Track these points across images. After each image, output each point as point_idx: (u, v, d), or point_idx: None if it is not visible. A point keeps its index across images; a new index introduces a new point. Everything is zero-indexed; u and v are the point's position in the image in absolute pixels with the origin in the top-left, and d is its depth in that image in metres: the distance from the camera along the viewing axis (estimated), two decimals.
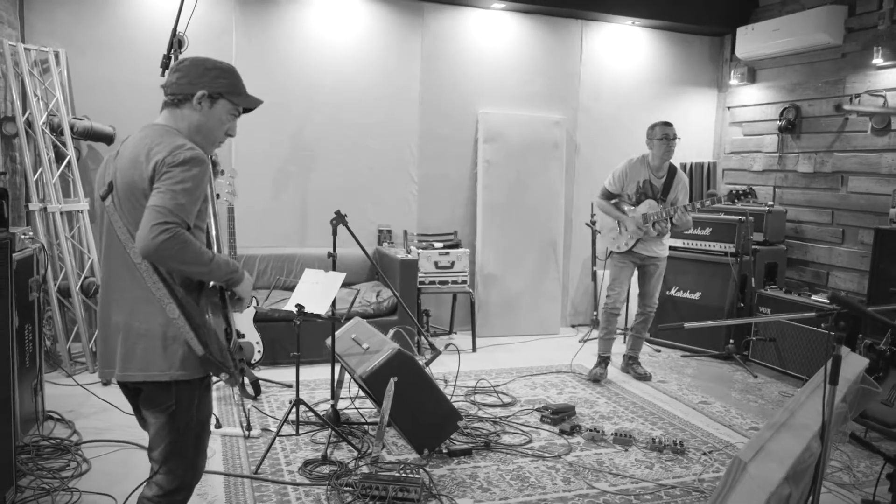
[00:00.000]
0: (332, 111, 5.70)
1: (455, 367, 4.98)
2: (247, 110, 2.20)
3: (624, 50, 6.49)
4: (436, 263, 5.49)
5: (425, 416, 3.47)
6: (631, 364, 4.99)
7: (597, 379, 4.79)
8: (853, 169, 5.37)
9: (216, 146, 2.16)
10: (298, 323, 3.59)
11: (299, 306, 3.53)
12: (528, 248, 6.08)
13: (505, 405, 4.28)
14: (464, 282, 5.55)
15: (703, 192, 6.49)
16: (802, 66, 5.90)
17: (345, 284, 5.34)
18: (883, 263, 4.49)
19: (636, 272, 4.89)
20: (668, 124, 4.71)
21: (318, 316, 3.61)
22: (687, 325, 2.65)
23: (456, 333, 5.96)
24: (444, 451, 3.51)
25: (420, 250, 5.49)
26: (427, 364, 3.71)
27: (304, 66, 5.59)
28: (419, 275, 5.39)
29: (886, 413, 3.84)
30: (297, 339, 3.62)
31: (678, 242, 5.71)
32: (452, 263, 5.51)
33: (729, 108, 6.72)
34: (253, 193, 5.53)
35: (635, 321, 4.99)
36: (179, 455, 2.07)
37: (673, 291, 5.71)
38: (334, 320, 3.79)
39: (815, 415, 2.26)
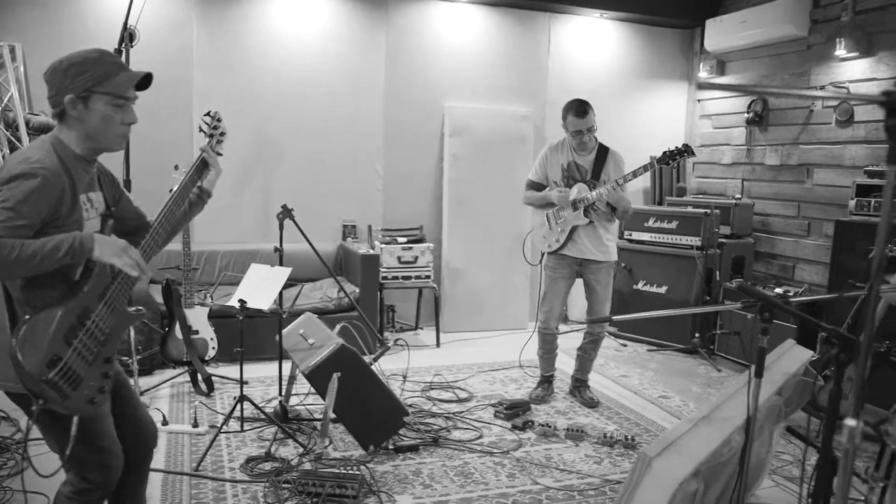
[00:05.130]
0: (295, 106, 5.64)
1: (419, 363, 4.96)
2: (141, 87, 2.01)
3: (593, 43, 6.44)
4: (399, 258, 5.43)
5: (370, 411, 3.42)
6: (578, 388, 4.37)
7: (538, 401, 4.24)
8: (818, 161, 5.34)
9: (120, 141, 2.00)
10: (241, 318, 3.53)
11: (242, 301, 3.47)
12: (495, 243, 6.03)
13: (460, 400, 4.23)
14: (427, 277, 5.50)
15: (672, 187, 6.45)
16: (770, 59, 5.86)
17: (308, 280, 5.34)
18: (843, 255, 4.46)
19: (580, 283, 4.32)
20: (582, 112, 3.99)
21: (261, 311, 3.55)
22: (615, 317, 2.61)
23: (422, 329, 5.91)
24: (391, 447, 3.46)
25: (383, 245, 5.44)
26: (375, 359, 3.66)
27: (266, 61, 5.53)
28: (382, 270, 5.34)
29: (841, 406, 3.80)
30: (241, 334, 3.57)
31: (645, 236, 5.68)
32: (416, 258, 5.46)
33: (699, 100, 6.68)
34: (215, 188, 5.45)
35: (583, 340, 4.33)
36: (76, 459, 1.99)
37: (640, 285, 5.66)
38: (280, 316, 3.73)
39: (742, 408, 2.22)
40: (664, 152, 4.01)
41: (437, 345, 5.47)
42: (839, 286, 4.42)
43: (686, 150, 3.98)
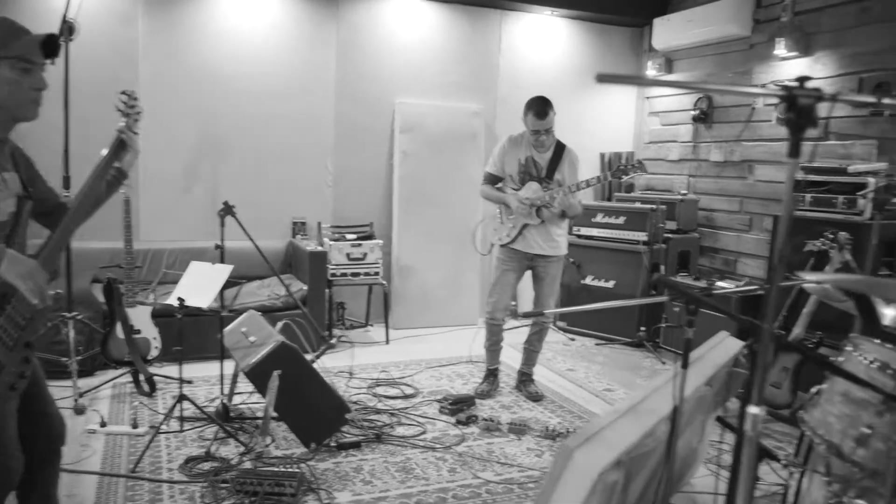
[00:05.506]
0: (245, 101, 5.57)
1: (367, 359, 4.95)
2: (48, 55, 1.95)
3: (544, 40, 6.48)
4: (348, 255, 5.41)
5: (312, 409, 3.40)
6: (523, 381, 4.40)
7: (483, 396, 4.25)
8: (760, 158, 5.46)
9: (32, 108, 1.95)
10: (181, 317, 3.48)
11: (180, 300, 3.42)
12: (445, 239, 6.04)
13: (406, 397, 4.24)
14: (376, 274, 5.48)
15: (621, 183, 6.52)
16: (715, 57, 5.97)
17: (257, 277, 5.29)
18: (784, 248, 4.56)
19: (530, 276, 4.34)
20: (542, 113, 4.01)
21: (200, 309, 3.50)
22: (546, 311, 2.64)
23: (372, 326, 5.89)
24: (333, 444, 3.45)
25: (332, 242, 5.41)
26: (317, 357, 3.64)
27: (214, 56, 5.45)
28: (330, 267, 5.31)
29: (776, 395, 3.90)
30: (180, 333, 3.52)
31: (594, 231, 5.74)
32: (365, 255, 5.44)
33: (648, 98, 6.77)
34: (161, 185, 5.39)
35: (529, 332, 4.38)
36: None
37: (588, 280, 5.73)
38: (221, 314, 3.69)
39: (668, 399, 2.26)
40: (618, 166, 4.12)
41: (387, 341, 5.46)
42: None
43: (639, 166, 4.10)
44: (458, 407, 3.97)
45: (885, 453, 1.94)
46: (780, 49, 5.16)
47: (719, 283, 5.00)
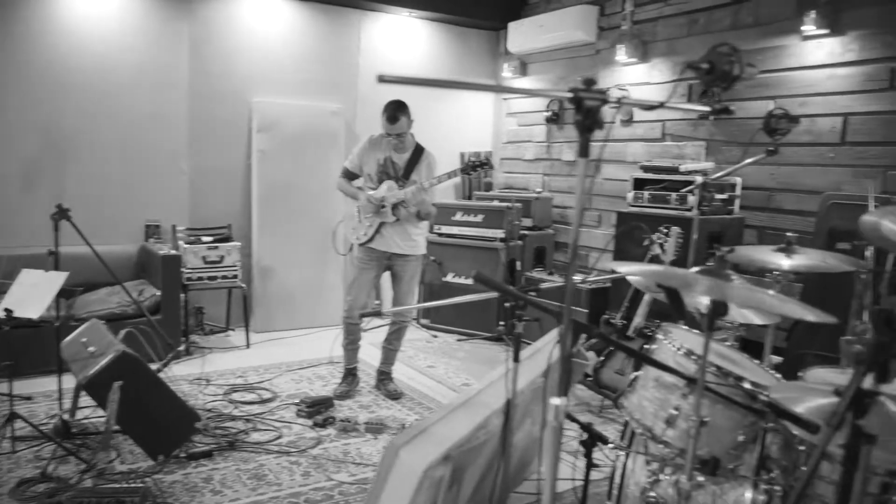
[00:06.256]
0: (91, 102, 5.26)
1: (226, 365, 4.84)
2: None
3: (403, 41, 6.55)
4: (204, 258, 5.25)
5: (158, 420, 3.29)
6: (382, 380, 4.44)
7: (342, 397, 4.25)
8: (606, 157, 5.79)
9: None
10: (8, 328, 3.26)
11: (8, 311, 3.21)
12: (307, 240, 5.98)
13: (263, 401, 4.17)
14: (234, 276, 5.35)
15: (480, 182, 6.71)
16: (565, 61, 6.25)
17: (107, 284, 5.02)
18: (623, 244, 4.86)
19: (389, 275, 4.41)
20: (393, 119, 4.04)
21: (31, 320, 3.30)
22: (384, 311, 2.69)
23: (233, 330, 5.74)
24: (183, 455, 3.35)
25: (186, 245, 5.23)
26: (164, 366, 3.52)
27: (56, 51, 5.10)
28: (186, 271, 5.14)
29: (619, 382, 4.15)
30: (9, 346, 3.30)
31: (454, 230, 5.88)
32: (222, 258, 5.30)
33: (505, 99, 7.00)
34: None
35: (388, 332, 4.43)
36: None
37: (450, 277, 5.86)
38: (56, 325, 3.49)
39: (501, 393, 2.37)
40: (467, 162, 4.21)
41: (247, 345, 5.35)
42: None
43: (486, 163, 4.24)
44: (316, 409, 3.96)
45: (686, 431, 2.13)
46: (622, 55, 5.48)
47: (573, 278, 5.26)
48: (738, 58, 2.43)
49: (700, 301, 2.60)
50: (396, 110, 4.06)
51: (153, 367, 3.44)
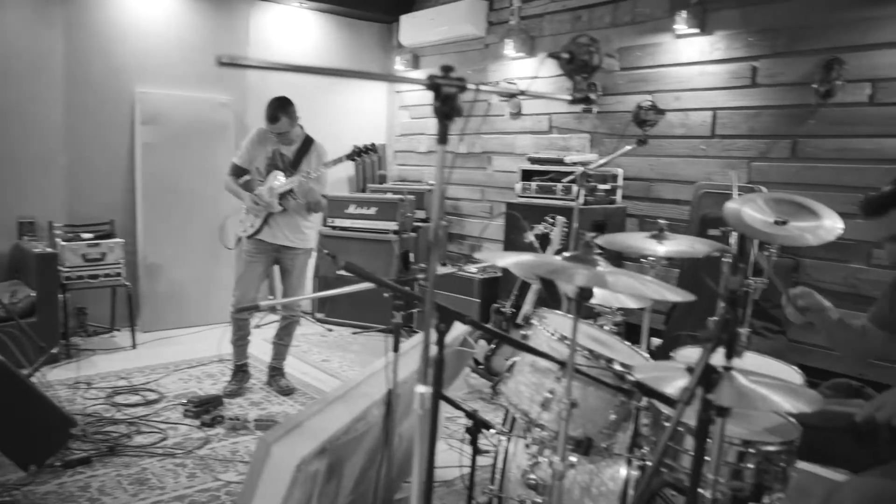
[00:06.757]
0: None
1: (110, 367, 4.65)
2: None
3: (294, 33, 6.44)
4: (84, 256, 5.00)
5: (28, 427, 3.12)
6: (273, 376, 4.37)
7: (231, 395, 4.15)
8: (496, 149, 5.91)
9: None
10: None
11: None
12: (195, 235, 5.80)
13: (148, 403, 4.03)
14: (118, 274, 5.13)
15: (374, 174, 6.71)
16: (456, 55, 6.32)
17: None
18: (513, 234, 4.98)
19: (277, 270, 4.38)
20: (272, 118, 3.97)
21: None
22: (261, 303, 2.67)
23: (119, 330, 5.50)
24: (58, 463, 3.20)
25: (64, 242, 4.97)
26: (35, 370, 3.35)
27: None
28: (64, 269, 4.88)
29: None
30: None
31: (347, 223, 5.85)
32: (104, 255, 5.06)
33: (398, 92, 7.01)
34: None
35: (278, 327, 4.39)
36: None
37: (344, 271, 5.82)
38: None
39: (382, 383, 2.39)
40: (352, 150, 4.19)
41: (133, 346, 5.15)
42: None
43: (371, 149, 4.33)
44: (204, 408, 3.86)
45: (558, 414, 2.22)
46: (510, 50, 5.60)
47: (466, 268, 5.36)
48: (598, 48, 2.55)
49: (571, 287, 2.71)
50: (277, 109, 3.99)
51: (24, 372, 3.27)
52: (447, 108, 1.45)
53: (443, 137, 1.49)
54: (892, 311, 2.36)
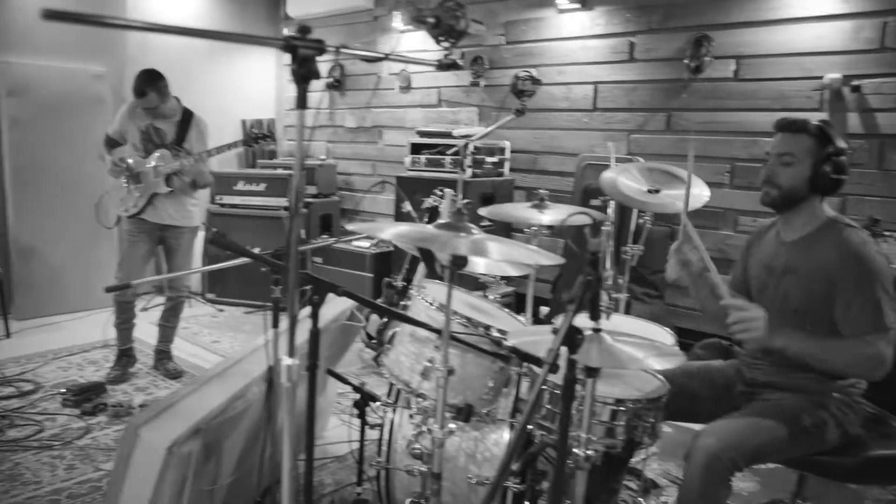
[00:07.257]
0: None
1: None
2: None
3: (176, 1, 6.16)
4: None
5: None
6: (161, 360, 4.25)
7: (115, 381, 4.00)
8: (387, 123, 5.89)
9: None
10: None
11: None
12: (73, 215, 5.49)
13: (23, 394, 3.83)
14: None
15: (263, 150, 6.56)
16: (345, 27, 6.23)
17: None
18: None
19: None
20: (140, 93, 3.84)
21: None
22: (133, 282, 2.59)
23: None
24: None
25: None
26: None
27: None
28: None
29: None
30: None
31: (236, 199, 5.71)
32: None
33: (287, 65, 6.83)
34: None
35: (164, 308, 4.25)
36: None
37: None
38: None
39: (263, 360, 2.37)
40: (249, 134, 4.16)
41: (7, 335, 4.86)
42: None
43: (269, 135, 4.22)
44: (84, 396, 3.70)
45: (437, 382, 2.27)
46: (398, 22, 5.56)
47: (357, 243, 5.34)
48: (464, 13, 2.56)
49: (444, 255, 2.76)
50: (144, 83, 3.85)
51: None
52: (304, 70, 1.41)
53: (301, 102, 1.46)
54: (744, 275, 2.52)
